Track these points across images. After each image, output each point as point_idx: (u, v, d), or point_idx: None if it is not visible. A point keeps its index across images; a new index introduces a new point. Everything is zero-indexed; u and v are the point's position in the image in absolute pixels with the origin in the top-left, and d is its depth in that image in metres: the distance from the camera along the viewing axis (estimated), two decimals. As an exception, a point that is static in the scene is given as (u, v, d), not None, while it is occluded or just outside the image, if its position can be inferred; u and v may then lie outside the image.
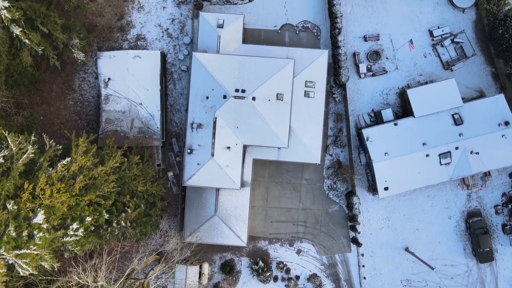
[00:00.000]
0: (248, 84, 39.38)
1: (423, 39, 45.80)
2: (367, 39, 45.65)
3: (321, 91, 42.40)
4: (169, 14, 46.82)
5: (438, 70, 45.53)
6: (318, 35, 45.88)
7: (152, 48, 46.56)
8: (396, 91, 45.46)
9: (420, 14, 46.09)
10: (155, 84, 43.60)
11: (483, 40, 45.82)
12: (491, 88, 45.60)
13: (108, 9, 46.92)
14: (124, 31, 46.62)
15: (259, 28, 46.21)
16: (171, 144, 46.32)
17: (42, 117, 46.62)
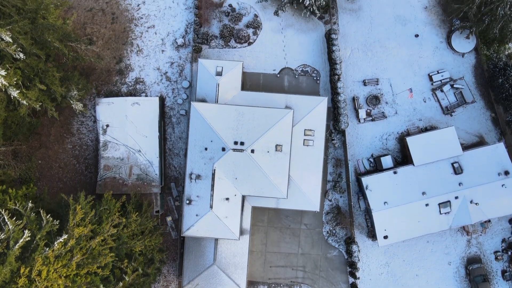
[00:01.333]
0: (247, 136, 39.12)
1: (422, 84, 45.58)
2: (367, 83, 45.44)
3: (320, 139, 42.16)
4: (168, 57, 46.59)
5: (438, 115, 45.30)
6: (317, 79, 45.66)
7: (151, 92, 46.33)
8: (396, 136, 45.21)
9: (419, 58, 45.90)
10: (153, 131, 43.37)
11: (482, 84, 45.62)
12: (491, 133, 45.36)
13: (107, 52, 46.72)
14: (123, 74, 46.39)
15: (258, 72, 46.00)
16: (169, 188, 46.06)
17: (40, 161, 46.35)
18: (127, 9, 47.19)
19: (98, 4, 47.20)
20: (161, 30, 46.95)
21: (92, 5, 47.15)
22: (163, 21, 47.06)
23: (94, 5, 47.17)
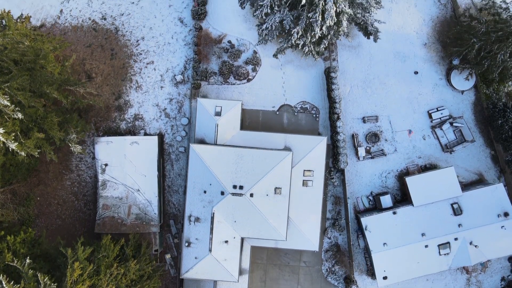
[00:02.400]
0: (246, 179, 39.01)
1: (422, 121, 45.48)
2: (366, 120, 45.33)
3: (320, 179, 42.04)
4: (167, 93, 46.47)
5: (437, 152, 45.19)
6: (316, 116, 45.56)
7: (150, 128, 46.19)
8: (395, 174, 45.09)
9: (419, 95, 45.80)
10: (152, 170, 43.24)
11: (482, 122, 45.53)
12: (491, 170, 45.26)
13: (106, 88, 46.61)
14: (122, 111, 46.25)
15: (257, 109, 45.89)
16: (168, 225, 45.94)
17: (39, 197, 46.26)
18: (126, 45, 47.06)
19: (97, 40, 47.07)
20: (160, 66, 46.82)
21: (91, 41, 47.04)
22: (162, 57, 46.93)
23: (93, 41, 47.06)
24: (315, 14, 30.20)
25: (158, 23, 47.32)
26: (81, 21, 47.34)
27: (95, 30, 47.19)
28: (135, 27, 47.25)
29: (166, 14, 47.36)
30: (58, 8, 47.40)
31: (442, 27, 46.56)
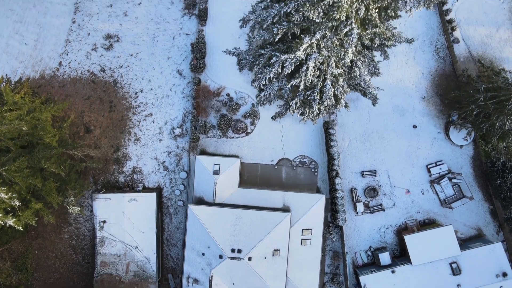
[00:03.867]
0: (244, 242, 38.95)
1: (420, 176, 45.46)
2: (365, 175, 45.33)
3: (318, 237, 42.03)
4: (165, 146, 46.43)
5: (436, 207, 45.16)
6: (315, 170, 45.51)
7: (148, 182, 46.13)
8: (394, 229, 45.06)
9: (417, 149, 45.81)
10: (151, 227, 43.17)
11: (481, 176, 45.51)
12: (489, 225, 45.23)
13: (104, 141, 46.58)
14: (120, 164, 46.20)
15: (256, 163, 45.81)
16: (167, 280, 45.77)
17: (37, 251, 46.09)
18: (125, 97, 47.08)
19: (96, 93, 47.10)
20: (159, 119, 46.82)
21: (90, 93, 47.08)
22: (161, 110, 46.94)
23: (92, 93, 47.09)
24: (313, 94, 30.17)
25: (156, 75, 47.37)
26: (80, 73, 47.37)
27: (93, 83, 47.21)
28: (134, 79, 47.29)
29: (165, 66, 47.41)
30: (57, 60, 47.45)
31: (440, 81, 46.61)
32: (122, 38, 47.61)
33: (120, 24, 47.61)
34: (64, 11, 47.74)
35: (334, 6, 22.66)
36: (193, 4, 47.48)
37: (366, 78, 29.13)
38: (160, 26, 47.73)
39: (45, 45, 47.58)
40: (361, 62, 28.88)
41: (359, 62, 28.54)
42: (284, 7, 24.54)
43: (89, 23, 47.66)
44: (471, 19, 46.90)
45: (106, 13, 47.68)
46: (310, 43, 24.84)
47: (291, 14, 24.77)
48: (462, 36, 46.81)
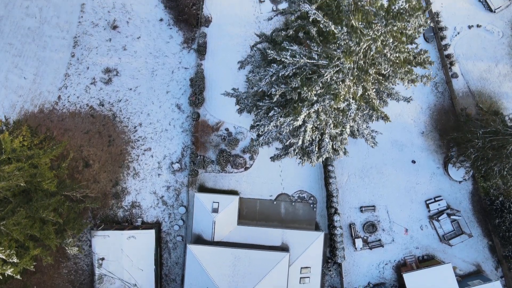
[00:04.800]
0: (243, 283, 39.13)
1: (419, 211, 45.52)
2: (363, 210, 45.32)
3: (317, 275, 42.18)
4: (164, 181, 46.44)
5: (435, 243, 45.19)
6: (314, 205, 45.57)
7: (147, 217, 46.15)
8: (393, 265, 45.09)
9: (416, 185, 45.84)
10: (149, 264, 43.23)
11: (480, 211, 45.57)
12: (488, 261, 45.28)
13: (103, 175, 46.58)
14: (119, 198, 46.22)
15: (255, 198, 45.81)
16: (165, 315, 45.70)
17: (35, 286, 45.94)
18: (124, 131, 47.12)
19: (95, 127, 47.13)
20: (158, 153, 46.85)
21: (89, 128, 47.11)
22: (160, 144, 46.98)
23: (91, 127, 47.12)
24: (312, 146, 30.20)
25: (155, 109, 47.43)
26: (78, 107, 47.43)
27: (92, 117, 47.25)
28: (133, 113, 47.34)
29: (164, 100, 47.47)
30: (56, 94, 47.52)
31: (439, 116, 46.67)
32: (121, 72, 47.69)
33: (119, 58, 47.68)
34: (63, 45, 47.82)
35: (331, 89, 22.91)
36: (192, 39, 47.57)
37: (365, 132, 29.16)
38: (159, 60, 47.81)
39: (44, 79, 47.65)
40: (359, 117, 28.92)
41: (357, 117, 28.60)
42: (282, 69, 24.60)
43: (88, 57, 47.74)
44: (470, 54, 46.99)
45: (105, 47, 47.74)
46: (308, 112, 24.96)
47: (290, 78, 24.86)
48: (461, 71, 46.88)
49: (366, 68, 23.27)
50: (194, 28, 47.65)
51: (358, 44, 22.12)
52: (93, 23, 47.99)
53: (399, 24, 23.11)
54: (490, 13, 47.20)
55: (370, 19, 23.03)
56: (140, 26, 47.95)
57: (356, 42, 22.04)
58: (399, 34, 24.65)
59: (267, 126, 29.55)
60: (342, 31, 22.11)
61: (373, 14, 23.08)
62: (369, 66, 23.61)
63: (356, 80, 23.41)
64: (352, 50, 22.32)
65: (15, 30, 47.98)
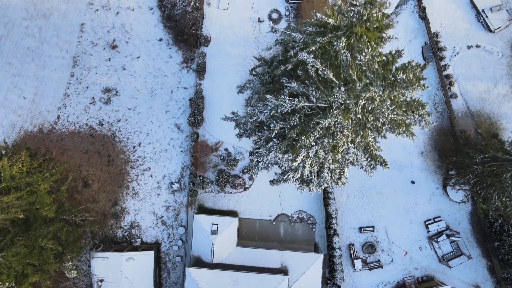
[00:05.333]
0: (242, 307, 38.89)
1: (419, 232, 45.61)
2: (363, 231, 45.32)
3: (316, 297, 41.90)
4: (163, 201, 46.49)
5: (434, 263, 45.27)
6: (313, 226, 45.66)
7: (146, 237, 46.18)
8: (392, 286, 45.26)
9: (415, 205, 45.91)
10: (148, 286, 43.46)
11: (479, 232, 45.63)
12: (487, 282, 45.43)
13: (103, 195, 46.67)
14: (118, 218, 46.28)
15: (254, 218, 45.84)
16: (164, 335, 45.72)
17: (34, 306, 45.88)
18: (123, 151, 47.18)
19: (94, 146, 47.19)
20: (157, 173, 46.91)
21: (88, 147, 47.18)
22: (159, 164, 47.02)
23: (90, 147, 47.18)
24: (311, 176, 30.23)
25: (155, 129, 47.50)
26: (78, 127, 47.49)
27: (92, 136, 47.31)
28: (132, 133, 47.39)
29: (163, 120, 47.52)
30: (55, 114, 47.57)
31: (439, 136, 46.70)
32: (120, 91, 47.75)
33: (118, 78, 47.75)
34: (63, 65, 47.91)
35: (330, 132, 23.07)
36: (191, 58, 47.64)
37: (364, 163, 29.22)
38: (158, 79, 47.87)
39: (44, 99, 47.73)
40: (358, 155, 28.91)
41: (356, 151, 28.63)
42: (280, 106, 24.64)
43: (87, 77, 47.82)
44: (469, 74, 47.04)
45: (104, 67, 47.81)
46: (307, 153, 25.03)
47: (289, 115, 24.93)
48: (460, 91, 46.93)
49: (364, 122, 23.38)
50: (193, 48, 47.73)
51: (356, 104, 22.25)
52: (93, 43, 48.04)
53: (396, 92, 23.35)
54: (489, 33, 47.25)
55: (368, 77, 23.17)
56: (139, 45, 48.00)
57: (354, 102, 22.23)
58: (397, 99, 24.86)
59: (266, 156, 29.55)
60: (340, 91, 22.28)
61: (370, 78, 23.22)
62: (367, 121, 23.81)
63: (354, 131, 23.59)
64: (349, 108, 22.50)
65: (14, 50, 48.05)
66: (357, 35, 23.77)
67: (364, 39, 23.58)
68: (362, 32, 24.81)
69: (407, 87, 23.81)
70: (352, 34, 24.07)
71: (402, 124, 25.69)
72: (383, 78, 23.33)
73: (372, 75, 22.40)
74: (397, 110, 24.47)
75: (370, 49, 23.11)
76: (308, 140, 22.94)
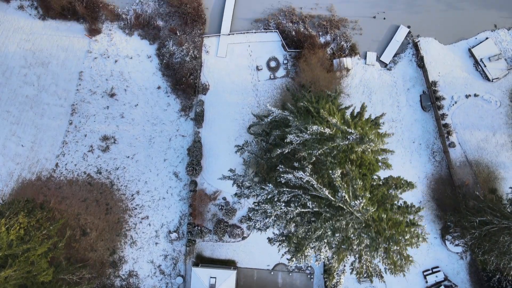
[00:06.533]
0: None
1: (417, 282, 46.44)
2: (361, 281, 45.05)
3: None
4: (161, 250, 46.57)
5: (432, 314, 45.07)
6: (311, 276, 45.71)
7: (144, 286, 46.39)
8: (390, 336, 44.97)
9: (413, 255, 45.46)
10: (146, 338, 43.12)
11: (477, 282, 45.73)
12: (486, 332, 45.11)
13: (101, 244, 46.78)
14: (116, 267, 46.37)
15: (252, 268, 45.89)
16: None
17: None
18: (121, 199, 47.26)
19: (92, 195, 47.30)
20: (155, 221, 47.00)
21: (86, 196, 47.30)
22: (157, 212, 47.14)
23: (88, 195, 47.29)
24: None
25: (153, 177, 47.60)
26: (76, 175, 47.58)
27: (90, 184, 47.42)
28: (130, 181, 47.48)
29: (161, 168, 47.61)
30: (53, 162, 47.68)
31: (437, 185, 46.74)
32: (118, 139, 47.86)
33: (116, 126, 47.86)
34: (61, 113, 48.05)
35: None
36: (189, 106, 47.75)
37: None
38: (157, 127, 47.97)
39: (42, 147, 47.89)
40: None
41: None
42: (277, 195, 24.66)
43: (86, 125, 47.95)
44: (467, 123, 47.11)
45: (103, 114, 47.92)
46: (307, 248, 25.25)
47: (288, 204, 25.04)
48: (458, 140, 47.00)
49: (360, 255, 23.66)
50: (191, 96, 47.84)
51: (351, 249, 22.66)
52: (91, 91, 48.17)
53: (394, 247, 23.86)
54: (488, 82, 47.34)
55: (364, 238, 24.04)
56: (138, 93, 48.11)
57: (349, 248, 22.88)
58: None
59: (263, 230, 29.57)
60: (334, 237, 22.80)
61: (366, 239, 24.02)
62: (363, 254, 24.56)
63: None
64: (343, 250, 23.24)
65: (13, 98, 48.20)
66: (352, 167, 24.04)
67: (358, 177, 24.07)
68: (356, 164, 25.20)
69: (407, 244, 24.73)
70: (347, 159, 24.28)
71: (396, 263, 26.47)
72: (379, 233, 23.53)
73: (368, 238, 23.12)
74: (391, 258, 24.80)
75: (365, 190, 23.71)
76: (307, 248, 23.07)
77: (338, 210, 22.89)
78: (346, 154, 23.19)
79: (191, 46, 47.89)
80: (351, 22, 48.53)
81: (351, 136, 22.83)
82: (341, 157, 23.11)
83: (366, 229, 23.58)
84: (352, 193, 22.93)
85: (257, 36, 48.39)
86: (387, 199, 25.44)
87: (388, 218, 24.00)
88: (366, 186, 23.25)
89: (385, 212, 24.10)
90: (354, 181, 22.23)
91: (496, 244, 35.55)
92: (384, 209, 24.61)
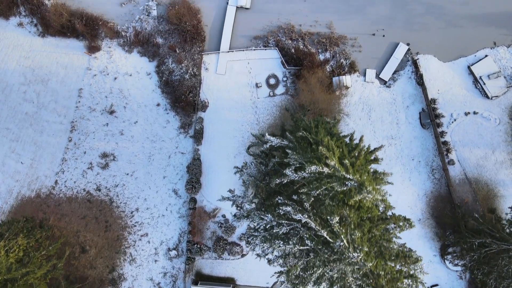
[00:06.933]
0: None
1: (416, 300, 45.23)
2: (360, 299, 45.08)
3: None
4: (161, 267, 46.64)
5: (432, 333, 45.14)
6: (310, 294, 45.39)
7: (144, 304, 46.13)
8: None
9: (413, 273, 45.50)
10: None
11: (477, 300, 45.46)
12: None
13: (100, 261, 46.86)
14: (115, 285, 46.57)
15: (251, 285, 45.89)
16: None
17: None
18: (121, 216, 47.31)
19: (92, 212, 47.37)
20: (155, 239, 47.04)
21: (86, 213, 47.38)
22: (156, 229, 47.20)
23: (88, 212, 47.37)
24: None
25: (152, 194, 47.68)
26: (75, 192, 47.67)
27: (89, 202, 47.51)
28: (130, 198, 47.54)
29: (161, 185, 47.67)
30: (53, 179, 47.73)
31: (436, 203, 46.81)
32: (118, 156, 47.94)
33: (116, 143, 47.94)
34: (61, 130, 48.12)
35: None
36: (188, 123, 47.82)
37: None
38: (156, 144, 48.03)
39: (41, 164, 47.97)
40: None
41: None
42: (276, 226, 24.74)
43: (85, 142, 48.04)
44: (467, 140, 47.18)
45: (102, 132, 48.01)
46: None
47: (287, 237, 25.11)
48: (458, 158, 47.05)
49: None
50: (191, 113, 47.90)
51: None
52: (91, 108, 48.23)
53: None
54: (487, 100, 47.43)
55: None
56: (137, 110, 48.19)
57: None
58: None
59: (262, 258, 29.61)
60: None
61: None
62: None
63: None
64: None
65: (12, 115, 48.30)
66: (350, 212, 24.10)
67: (356, 223, 24.14)
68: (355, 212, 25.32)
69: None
70: (345, 204, 24.36)
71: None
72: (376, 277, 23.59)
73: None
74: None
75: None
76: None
77: (336, 254, 23.00)
78: (344, 196, 23.28)
79: (191, 63, 47.97)
80: (351, 39, 48.60)
81: (349, 182, 22.94)
82: (340, 198, 23.18)
83: (365, 278, 23.64)
84: (350, 241, 23.07)
85: (256, 53, 48.46)
86: (386, 250, 25.51)
87: (386, 272, 24.07)
88: (364, 238, 23.35)
89: (383, 268, 24.15)
90: (352, 230, 22.39)
91: (495, 267, 35.64)
92: (382, 260, 24.66)
